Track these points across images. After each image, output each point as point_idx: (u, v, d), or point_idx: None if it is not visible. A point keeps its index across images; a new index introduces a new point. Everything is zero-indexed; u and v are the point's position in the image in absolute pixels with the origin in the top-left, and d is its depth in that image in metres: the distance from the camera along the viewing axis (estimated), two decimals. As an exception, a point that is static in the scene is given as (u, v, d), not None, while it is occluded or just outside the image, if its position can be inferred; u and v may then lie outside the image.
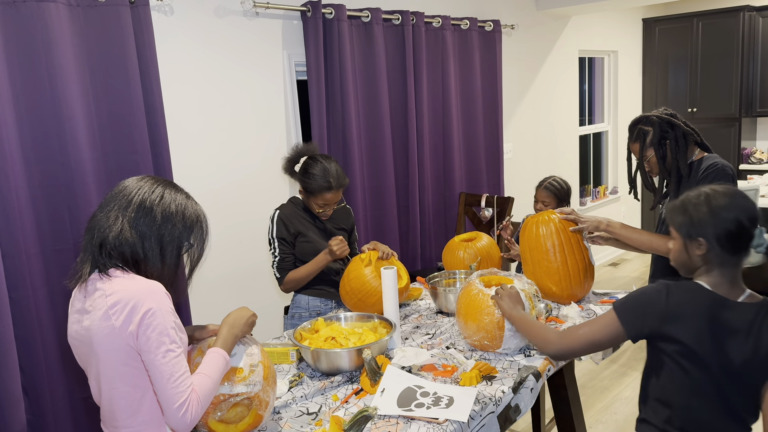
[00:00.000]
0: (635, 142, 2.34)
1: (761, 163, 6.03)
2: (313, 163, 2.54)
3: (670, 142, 2.26)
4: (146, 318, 1.38)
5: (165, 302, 1.42)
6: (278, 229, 2.58)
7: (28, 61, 2.42)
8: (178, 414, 1.37)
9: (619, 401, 3.54)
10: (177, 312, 3.06)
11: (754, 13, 5.90)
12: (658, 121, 2.28)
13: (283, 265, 2.58)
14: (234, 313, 1.66)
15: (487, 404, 1.73)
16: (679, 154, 2.26)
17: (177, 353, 1.41)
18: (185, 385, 1.40)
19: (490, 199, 4.04)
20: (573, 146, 5.78)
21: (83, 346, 1.47)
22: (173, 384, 1.38)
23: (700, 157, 2.30)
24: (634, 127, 2.35)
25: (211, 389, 1.46)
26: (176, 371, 1.39)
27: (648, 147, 2.30)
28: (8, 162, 2.36)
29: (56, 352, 2.56)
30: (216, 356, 1.51)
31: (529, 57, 5.08)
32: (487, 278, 2.18)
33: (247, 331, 1.66)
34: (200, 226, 1.57)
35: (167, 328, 1.40)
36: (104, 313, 1.39)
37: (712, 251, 1.54)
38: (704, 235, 1.54)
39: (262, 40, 3.29)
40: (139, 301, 1.39)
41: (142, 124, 2.70)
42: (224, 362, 1.52)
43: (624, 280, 5.71)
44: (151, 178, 1.54)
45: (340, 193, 2.56)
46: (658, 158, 2.29)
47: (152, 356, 1.38)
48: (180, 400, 1.38)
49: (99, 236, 1.46)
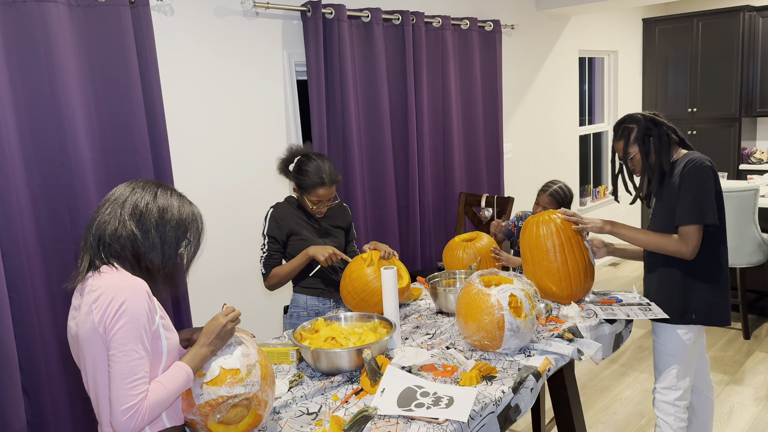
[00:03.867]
0: (619, 140, 2.38)
1: (761, 163, 6.03)
2: (307, 160, 2.57)
3: (654, 139, 2.31)
4: (118, 313, 1.38)
5: (142, 302, 1.42)
6: (270, 227, 2.60)
7: (28, 61, 2.42)
8: (123, 417, 1.35)
9: (619, 401, 3.54)
10: (176, 313, 3.07)
11: (754, 13, 5.90)
12: (642, 119, 2.33)
13: (269, 261, 2.59)
14: (208, 328, 1.57)
15: (487, 404, 1.73)
16: (662, 151, 2.30)
17: (140, 355, 1.39)
18: (139, 390, 1.38)
19: (490, 199, 4.04)
20: (573, 146, 5.78)
21: (75, 342, 1.48)
22: (127, 385, 1.36)
23: (680, 156, 2.34)
24: (619, 127, 2.39)
25: (163, 400, 1.42)
26: (134, 373, 1.37)
27: (632, 144, 2.34)
28: (8, 162, 2.36)
29: (56, 352, 2.56)
30: (179, 370, 1.48)
31: (529, 57, 5.08)
32: (487, 278, 2.18)
33: (222, 345, 1.58)
34: (195, 221, 1.59)
35: (138, 328, 1.39)
36: (88, 308, 1.41)
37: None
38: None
39: (262, 40, 3.29)
40: (116, 296, 1.39)
41: (142, 124, 2.70)
42: (185, 378, 1.48)
43: (624, 280, 5.70)
44: (142, 181, 1.58)
45: (333, 189, 2.57)
46: (642, 155, 2.33)
47: (115, 351, 1.37)
48: (129, 404, 1.36)
49: (97, 233, 1.49)
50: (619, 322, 2.33)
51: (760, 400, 3.43)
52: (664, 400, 2.41)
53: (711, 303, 2.33)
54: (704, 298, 2.32)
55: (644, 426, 3.27)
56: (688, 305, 2.34)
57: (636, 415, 3.38)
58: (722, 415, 3.29)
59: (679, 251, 2.25)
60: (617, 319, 2.31)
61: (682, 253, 2.24)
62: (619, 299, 2.46)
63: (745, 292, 4.28)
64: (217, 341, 1.56)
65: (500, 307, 1.97)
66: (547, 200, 3.10)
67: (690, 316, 2.34)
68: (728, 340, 4.24)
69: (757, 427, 3.18)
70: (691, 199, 2.21)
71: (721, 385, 3.60)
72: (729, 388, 3.59)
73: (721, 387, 3.59)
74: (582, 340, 2.11)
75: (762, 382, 3.64)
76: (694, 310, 2.34)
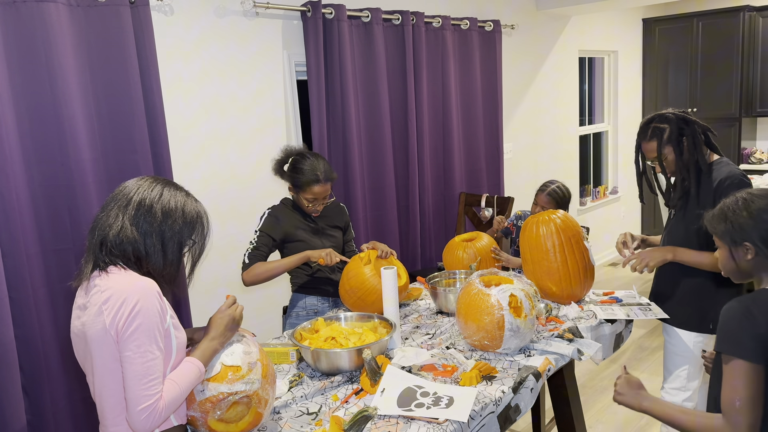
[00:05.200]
0: (651, 141, 2.28)
1: (761, 163, 6.03)
2: (302, 159, 2.57)
3: (687, 138, 2.24)
4: (132, 314, 1.38)
5: (154, 303, 1.42)
6: (265, 224, 2.58)
7: (28, 61, 2.42)
8: (140, 417, 1.37)
9: (619, 401, 3.53)
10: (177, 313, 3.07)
11: (754, 13, 5.90)
12: (674, 118, 2.25)
13: (255, 253, 2.54)
14: (215, 321, 1.59)
15: (487, 404, 1.73)
16: (697, 150, 2.23)
17: (155, 356, 1.40)
18: (155, 389, 1.39)
19: (490, 199, 4.04)
20: (573, 146, 5.77)
21: (81, 342, 1.48)
22: (143, 386, 1.38)
23: (712, 160, 2.28)
24: (648, 126, 2.30)
25: (177, 397, 1.44)
26: (149, 374, 1.39)
27: (666, 144, 2.25)
28: (8, 162, 2.36)
29: (56, 352, 2.56)
30: (191, 366, 1.49)
31: (529, 57, 5.08)
32: (487, 278, 2.18)
33: (231, 336, 1.60)
34: (201, 223, 1.58)
35: (151, 329, 1.40)
36: (98, 309, 1.41)
37: (760, 254, 1.50)
38: (749, 240, 1.51)
39: (262, 40, 3.29)
40: (129, 297, 1.39)
41: (142, 124, 2.70)
42: (197, 373, 1.49)
43: (624, 280, 5.70)
44: (150, 178, 1.56)
45: (328, 187, 2.57)
46: (677, 155, 2.25)
47: (130, 353, 1.38)
48: (145, 404, 1.37)
49: (100, 234, 1.48)
50: (619, 322, 2.33)
51: (760, 400, 3.42)
52: (673, 400, 2.38)
53: None
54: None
55: (644, 426, 3.27)
56: (706, 315, 2.30)
57: (636, 415, 3.37)
58: (722, 415, 3.29)
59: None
60: (617, 319, 2.31)
61: None
62: (619, 299, 2.46)
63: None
64: (226, 333, 1.58)
65: (500, 307, 1.97)
66: (545, 200, 3.09)
67: (708, 325, 2.31)
68: (728, 340, 4.23)
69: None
70: None
71: (721, 385, 3.60)
72: (729, 388, 3.58)
73: (721, 387, 3.58)
74: (582, 340, 2.12)
75: (762, 382, 3.63)
76: (711, 320, 2.29)
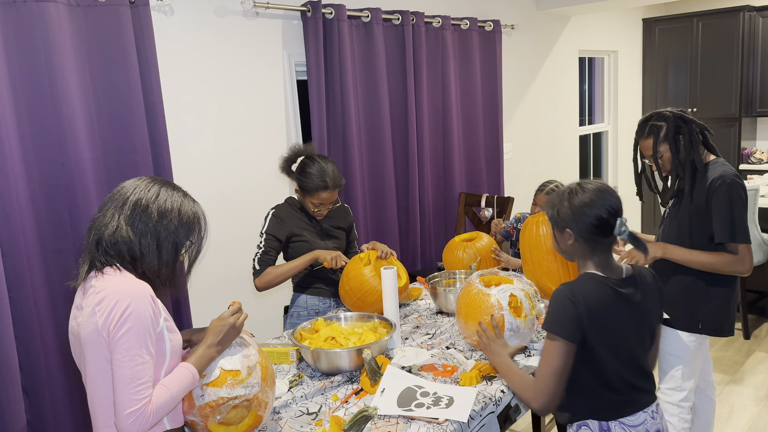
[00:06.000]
0: (647, 138, 2.30)
1: (761, 163, 6.03)
2: (311, 162, 2.54)
3: (684, 137, 2.25)
4: (123, 317, 1.38)
5: (146, 306, 1.41)
6: (270, 226, 2.58)
7: (28, 61, 2.42)
8: (127, 420, 1.36)
9: (619, 401, 3.53)
10: (177, 314, 3.07)
11: (754, 13, 5.90)
12: (672, 116, 2.26)
13: (264, 258, 2.55)
14: (215, 327, 1.57)
15: (487, 404, 1.73)
16: (694, 149, 2.24)
17: (144, 360, 1.39)
18: (143, 394, 1.38)
19: (490, 199, 4.04)
20: (573, 146, 5.77)
21: (76, 341, 1.48)
22: (131, 390, 1.37)
23: (708, 160, 2.28)
24: (645, 124, 2.32)
25: (167, 402, 1.43)
26: (138, 378, 1.38)
27: (662, 142, 2.27)
28: (8, 162, 2.36)
29: (56, 352, 2.56)
30: (185, 372, 1.48)
31: (529, 57, 5.08)
32: (487, 278, 2.18)
33: (229, 344, 1.59)
34: (198, 223, 1.57)
35: (142, 333, 1.39)
36: (91, 310, 1.41)
37: (578, 241, 1.66)
38: (570, 227, 1.66)
39: (262, 40, 3.29)
40: (121, 300, 1.39)
41: (142, 124, 2.70)
42: (191, 379, 1.48)
43: (624, 280, 5.70)
44: (148, 178, 1.55)
45: (335, 193, 2.56)
46: (673, 153, 2.26)
47: (119, 356, 1.37)
48: (133, 408, 1.36)
49: (96, 234, 1.48)
50: (619, 322, 2.33)
51: (760, 400, 3.43)
52: (669, 401, 2.39)
53: (718, 315, 2.32)
54: (712, 310, 2.31)
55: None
56: (695, 315, 2.32)
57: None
58: (722, 415, 3.29)
59: (736, 270, 2.21)
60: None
61: (740, 271, 2.21)
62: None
63: (745, 292, 4.28)
64: (224, 341, 1.56)
65: (500, 307, 1.97)
66: (544, 200, 3.09)
67: (696, 325, 2.32)
68: (728, 340, 4.24)
69: (756, 427, 3.18)
70: (742, 217, 2.17)
71: (721, 385, 3.60)
72: (729, 388, 3.59)
73: (721, 387, 3.59)
74: (582, 340, 2.11)
75: (762, 382, 3.64)
76: (701, 320, 2.32)
